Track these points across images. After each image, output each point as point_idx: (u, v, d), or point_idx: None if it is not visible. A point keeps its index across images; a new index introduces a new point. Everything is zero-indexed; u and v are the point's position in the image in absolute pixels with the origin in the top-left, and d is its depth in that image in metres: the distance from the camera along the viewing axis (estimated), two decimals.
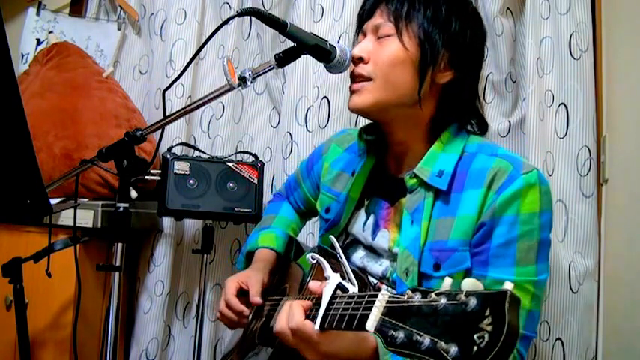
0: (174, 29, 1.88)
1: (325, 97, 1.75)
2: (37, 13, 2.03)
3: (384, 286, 1.06)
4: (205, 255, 1.73)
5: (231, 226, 1.86)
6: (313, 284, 0.88)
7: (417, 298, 0.64)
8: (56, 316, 1.60)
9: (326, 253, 1.14)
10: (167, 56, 1.87)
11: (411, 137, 1.10)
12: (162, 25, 1.94)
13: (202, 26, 1.91)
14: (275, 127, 1.88)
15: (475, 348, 0.55)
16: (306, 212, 1.44)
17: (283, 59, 1.13)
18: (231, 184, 1.67)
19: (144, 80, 2.01)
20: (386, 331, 0.65)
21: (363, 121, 1.77)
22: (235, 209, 1.66)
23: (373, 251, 1.13)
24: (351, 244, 1.18)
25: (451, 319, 0.59)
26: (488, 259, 0.98)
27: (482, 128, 1.13)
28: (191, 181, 1.64)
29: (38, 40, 2.02)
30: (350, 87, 1.09)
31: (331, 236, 0.98)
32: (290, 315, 0.88)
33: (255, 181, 1.69)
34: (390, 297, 0.69)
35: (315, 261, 0.92)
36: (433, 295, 0.63)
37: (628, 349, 1.31)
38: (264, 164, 1.72)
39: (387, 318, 0.66)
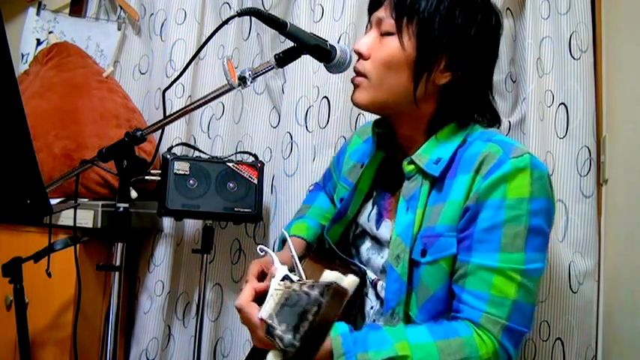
0: (174, 29, 1.88)
1: (325, 97, 1.75)
2: (37, 13, 2.03)
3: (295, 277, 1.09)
4: (205, 255, 1.73)
5: (231, 226, 1.86)
6: (272, 269, 0.96)
7: (292, 289, 0.73)
8: (56, 316, 1.60)
9: (329, 251, 1.15)
10: (167, 56, 1.87)
11: (414, 132, 1.10)
12: (162, 25, 1.94)
13: (202, 26, 1.91)
14: (275, 127, 1.88)
15: (297, 335, 0.63)
16: None
17: (283, 59, 1.13)
18: (231, 184, 1.67)
19: (144, 80, 2.01)
20: (267, 321, 0.72)
21: (364, 121, 1.77)
22: (235, 209, 1.66)
23: (378, 242, 1.14)
24: (360, 235, 1.19)
25: (299, 310, 0.66)
26: (472, 244, 0.95)
27: (493, 122, 1.12)
28: (191, 181, 1.64)
29: (38, 40, 2.02)
30: (352, 79, 1.10)
31: (261, 247, 1.07)
32: (242, 294, 0.95)
33: (255, 181, 1.69)
34: (279, 288, 0.78)
35: (262, 252, 1.01)
36: (296, 285, 0.72)
37: (628, 349, 1.31)
38: (264, 164, 1.72)
39: (271, 311, 0.74)
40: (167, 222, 1.84)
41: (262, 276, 1.19)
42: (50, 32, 2.00)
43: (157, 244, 1.83)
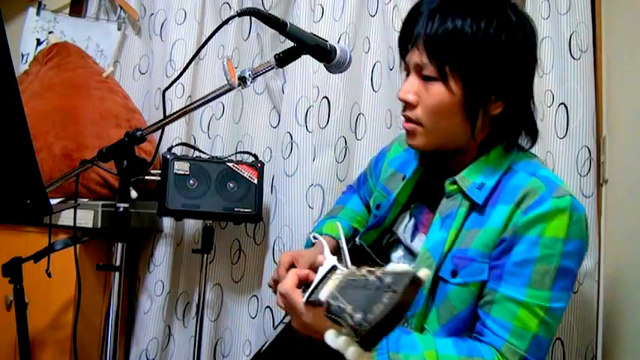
0: (174, 29, 1.88)
1: (325, 97, 1.75)
2: (37, 13, 2.03)
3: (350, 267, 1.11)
4: (205, 255, 1.73)
5: (231, 226, 1.86)
6: (320, 258, 0.94)
7: (358, 274, 0.74)
8: (56, 316, 1.60)
9: (363, 252, 1.16)
10: (167, 56, 1.87)
11: (463, 155, 1.08)
12: (162, 25, 1.94)
13: (202, 26, 1.91)
14: (275, 127, 1.88)
15: (370, 315, 0.64)
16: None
17: (283, 59, 1.13)
18: (231, 184, 1.67)
19: (144, 80, 2.01)
20: (330, 301, 0.73)
21: (364, 121, 1.78)
22: (235, 209, 1.66)
23: (411, 253, 1.14)
24: (393, 243, 1.19)
25: (369, 293, 0.68)
26: (503, 274, 0.97)
27: (534, 135, 1.10)
28: (191, 181, 1.64)
29: (38, 40, 2.02)
30: (403, 125, 1.07)
31: (337, 223, 1.07)
32: (285, 280, 0.95)
33: (255, 181, 1.69)
34: (343, 273, 0.79)
35: (316, 240, 1.04)
36: (364, 271, 0.73)
37: (628, 349, 1.31)
38: (264, 164, 1.72)
39: (334, 291, 0.75)
40: (167, 222, 1.84)
41: (292, 267, 1.22)
42: (50, 32, 2.00)
43: (156, 244, 1.83)
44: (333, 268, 0.88)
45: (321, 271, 0.89)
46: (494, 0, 1.00)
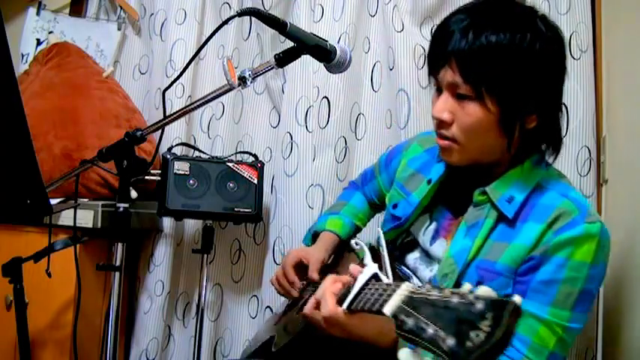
0: (174, 29, 1.88)
1: (325, 97, 1.75)
2: (37, 13, 2.03)
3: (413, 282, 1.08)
4: (205, 255, 1.73)
5: (231, 226, 1.86)
6: (353, 267, 0.93)
7: (435, 293, 0.70)
8: (56, 316, 1.60)
9: (372, 251, 1.16)
10: (167, 56, 1.87)
11: (495, 167, 1.08)
12: (162, 25, 1.94)
13: (202, 26, 1.91)
14: (275, 127, 1.88)
15: (469, 344, 0.61)
16: (377, 204, 1.43)
17: (283, 59, 1.13)
18: (231, 184, 1.67)
19: (144, 80, 2.01)
20: (399, 316, 0.71)
21: (364, 121, 1.78)
22: (235, 209, 1.66)
23: (428, 256, 1.14)
24: (409, 243, 1.18)
25: (457, 316, 0.65)
26: (528, 291, 0.99)
27: (557, 146, 1.11)
28: (191, 181, 1.64)
29: (38, 40, 2.02)
30: (436, 141, 1.07)
31: (379, 229, 1.04)
32: (323, 304, 0.93)
33: (255, 181, 1.69)
34: (412, 288, 0.76)
35: (358, 246, 1.00)
36: (447, 292, 0.69)
37: (628, 350, 1.31)
38: (264, 164, 1.72)
39: (403, 306, 0.73)
40: (167, 222, 1.84)
41: (299, 266, 1.25)
42: (50, 32, 2.00)
43: (156, 244, 1.83)
44: (374, 277, 0.87)
45: (362, 279, 0.88)
46: (525, 13, 1.00)
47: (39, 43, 2.02)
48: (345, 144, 1.77)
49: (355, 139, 1.78)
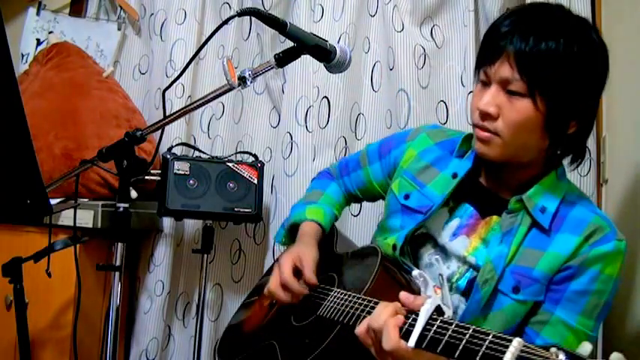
0: (174, 29, 1.88)
1: (325, 97, 1.75)
2: (37, 13, 2.03)
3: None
4: (205, 255, 1.73)
5: (231, 226, 1.86)
6: (406, 297, 0.90)
7: (561, 357, 0.68)
8: (56, 316, 1.60)
9: (394, 263, 1.13)
10: (167, 56, 1.87)
11: (526, 166, 1.10)
12: (162, 25, 1.94)
13: (202, 26, 1.91)
14: (275, 127, 1.88)
15: None
16: (355, 197, 1.39)
17: (283, 59, 1.13)
18: (231, 184, 1.67)
19: (144, 80, 2.01)
20: None
21: (364, 121, 1.78)
22: (235, 209, 1.66)
23: (444, 251, 1.13)
24: (423, 236, 1.16)
25: None
26: (561, 299, 1.04)
27: (583, 154, 1.14)
28: (191, 181, 1.64)
29: (38, 40, 2.02)
30: (476, 133, 1.07)
31: (418, 271, 0.95)
32: (386, 336, 0.87)
33: (255, 181, 1.69)
34: (523, 346, 0.72)
35: (422, 278, 0.93)
36: (552, 350, 0.68)
37: (628, 350, 1.31)
38: (264, 164, 1.72)
39: None
40: (167, 222, 1.84)
41: (295, 272, 1.14)
42: (50, 32, 2.00)
43: (156, 244, 1.83)
44: (437, 310, 0.85)
45: (425, 312, 0.84)
46: (582, 23, 1.04)
47: (39, 43, 2.02)
48: (345, 144, 1.77)
49: (355, 139, 1.78)
